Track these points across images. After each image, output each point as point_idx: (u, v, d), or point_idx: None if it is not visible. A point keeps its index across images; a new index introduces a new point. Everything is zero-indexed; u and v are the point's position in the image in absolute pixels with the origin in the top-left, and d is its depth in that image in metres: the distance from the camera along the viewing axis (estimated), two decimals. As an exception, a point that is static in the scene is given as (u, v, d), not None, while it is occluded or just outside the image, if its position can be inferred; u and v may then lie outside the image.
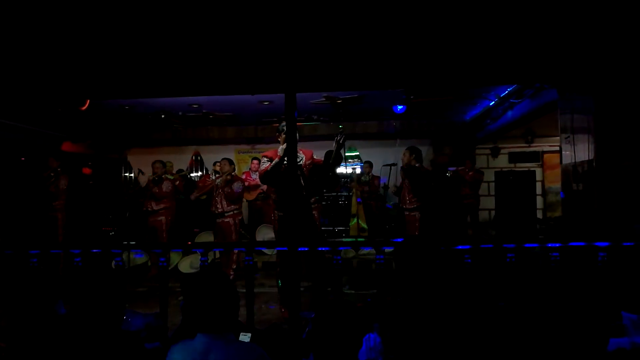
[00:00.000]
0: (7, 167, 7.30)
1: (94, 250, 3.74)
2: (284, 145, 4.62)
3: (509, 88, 6.35)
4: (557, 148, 5.04)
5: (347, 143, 10.02)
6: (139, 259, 7.09)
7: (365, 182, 8.68)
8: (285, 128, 4.61)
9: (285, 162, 4.47)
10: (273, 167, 4.59)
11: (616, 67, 3.91)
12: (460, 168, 8.09)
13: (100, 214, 8.55)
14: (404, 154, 6.11)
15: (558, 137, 4.96)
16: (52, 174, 6.80)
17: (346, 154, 10.22)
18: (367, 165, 8.98)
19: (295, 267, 3.70)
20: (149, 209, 6.90)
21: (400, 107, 7.39)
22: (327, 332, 2.66)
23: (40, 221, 6.84)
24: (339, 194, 8.96)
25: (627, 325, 2.68)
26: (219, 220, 6.42)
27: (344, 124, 9.11)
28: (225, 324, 1.94)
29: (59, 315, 3.39)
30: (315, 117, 8.51)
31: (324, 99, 7.04)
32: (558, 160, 5.01)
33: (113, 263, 3.78)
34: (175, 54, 4.02)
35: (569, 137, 4.60)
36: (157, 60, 4.04)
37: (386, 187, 8.55)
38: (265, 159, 4.79)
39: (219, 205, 6.42)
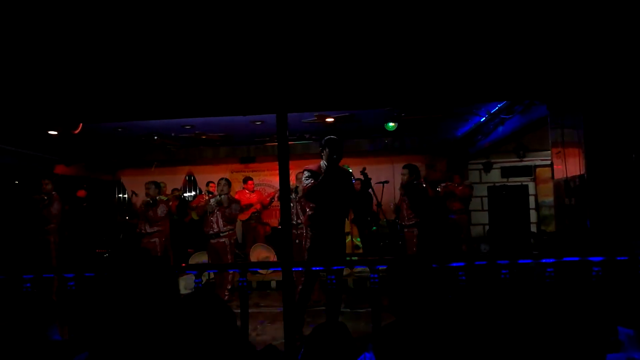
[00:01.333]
0: (0, 191, 7.26)
1: (88, 274, 3.71)
2: (325, 162, 4.57)
3: (499, 104, 6.42)
4: (549, 162, 5.08)
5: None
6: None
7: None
8: (329, 142, 4.58)
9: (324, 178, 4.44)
10: (320, 184, 4.46)
11: (605, 82, 3.97)
12: (449, 183, 8.13)
13: (94, 236, 8.49)
14: (403, 173, 6.17)
15: (550, 151, 5.00)
16: (45, 197, 6.77)
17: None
18: (358, 182, 8.97)
19: (292, 287, 3.68)
20: (143, 231, 6.84)
21: (392, 124, 7.44)
22: (321, 354, 2.63)
23: (33, 244, 6.77)
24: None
25: (623, 341, 2.68)
26: (213, 241, 6.39)
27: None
28: (225, 347, 1.92)
29: (52, 342, 3.35)
30: (307, 135, 8.55)
31: (316, 118, 7.08)
32: (550, 174, 5.04)
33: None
34: (168, 76, 4.04)
35: (560, 151, 4.64)
36: (150, 83, 4.06)
37: (379, 204, 8.55)
38: (307, 174, 4.59)
39: (214, 225, 6.39)
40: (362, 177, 4.54)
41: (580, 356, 2.70)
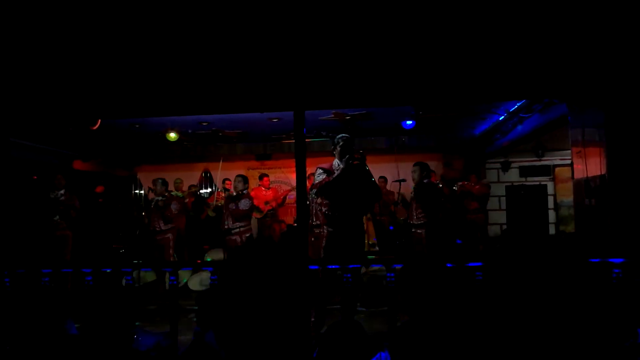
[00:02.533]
0: (19, 186, 7.38)
1: (105, 269, 3.75)
2: (337, 161, 4.58)
3: (518, 103, 6.33)
4: (569, 161, 5.00)
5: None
6: (149, 276, 7.09)
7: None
8: (341, 141, 4.60)
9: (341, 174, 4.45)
10: (334, 181, 4.46)
11: (626, 80, 3.89)
12: (466, 182, 8.05)
13: (110, 232, 8.59)
14: (414, 170, 6.07)
15: (569, 151, 4.92)
16: (62, 193, 6.87)
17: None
18: (382, 180, 8.94)
19: (306, 287, 3.68)
20: (157, 229, 6.81)
21: (409, 122, 7.39)
22: (335, 352, 2.63)
23: (50, 240, 6.88)
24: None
25: (644, 344, 2.62)
26: (227, 238, 6.45)
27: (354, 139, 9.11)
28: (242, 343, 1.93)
29: (70, 335, 3.39)
30: (324, 133, 8.54)
31: (333, 116, 7.06)
32: (570, 174, 4.96)
33: (124, 281, 3.78)
34: (186, 73, 4.07)
35: (580, 151, 4.56)
36: (168, 80, 4.09)
37: (396, 203, 8.51)
38: (321, 171, 4.60)
39: (225, 223, 6.45)
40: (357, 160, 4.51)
41: (600, 358, 2.66)
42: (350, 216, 4.45)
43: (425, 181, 5.98)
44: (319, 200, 4.71)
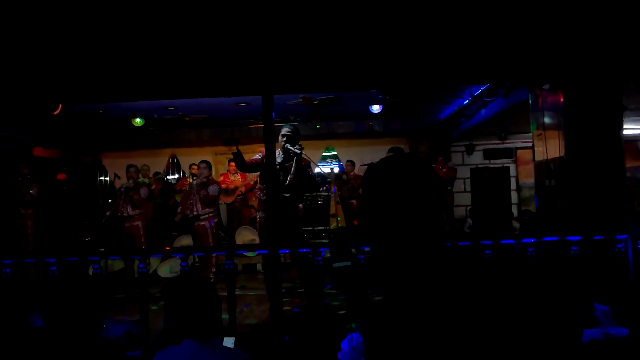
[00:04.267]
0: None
1: (70, 259, 3.68)
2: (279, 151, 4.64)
3: (482, 87, 6.46)
4: (530, 144, 5.15)
5: (325, 142, 10.05)
6: (117, 264, 6.98)
7: (345, 182, 8.72)
8: (287, 133, 4.65)
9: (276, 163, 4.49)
10: (265, 162, 4.53)
11: (584, 66, 4.03)
12: (433, 165, 8.21)
13: (75, 220, 8.39)
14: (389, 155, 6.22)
15: (531, 134, 5.08)
16: (22, 180, 6.66)
17: (324, 154, 10.31)
18: (349, 164, 9.01)
19: (277, 270, 3.71)
20: (125, 214, 6.77)
21: (376, 107, 7.45)
22: (307, 334, 2.67)
23: (9, 229, 6.68)
24: (318, 194, 8.98)
25: (599, 317, 2.77)
26: (194, 224, 6.40)
27: (321, 124, 9.13)
28: (211, 329, 1.94)
29: (34, 328, 3.32)
30: (292, 117, 8.51)
31: (301, 100, 7.05)
32: (531, 157, 5.12)
33: (91, 270, 3.73)
34: (151, 57, 3.98)
35: (540, 134, 4.71)
36: (133, 64, 3.99)
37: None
38: (258, 155, 4.74)
39: (194, 209, 6.40)
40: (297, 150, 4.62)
41: (558, 332, 2.80)
42: (281, 203, 4.55)
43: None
44: (257, 186, 4.85)
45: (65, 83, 4.14)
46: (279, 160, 4.60)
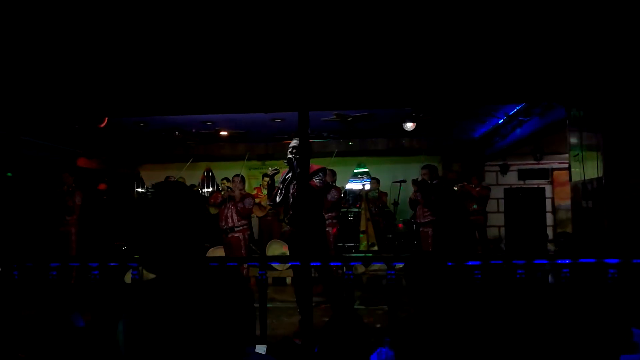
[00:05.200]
0: (25, 182, 7.46)
1: (111, 264, 3.83)
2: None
3: (517, 106, 6.42)
4: (567, 165, 5.08)
5: (357, 159, 10.10)
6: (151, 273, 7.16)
7: (373, 199, 8.74)
8: (292, 149, 4.79)
9: (284, 182, 4.63)
10: (279, 194, 4.79)
11: (623, 84, 3.98)
12: (466, 184, 8.14)
13: (113, 229, 8.67)
14: (423, 173, 6.30)
15: (567, 154, 5.01)
16: (67, 189, 6.97)
17: (355, 170, 10.36)
18: (375, 181, 9.04)
19: (308, 282, 3.76)
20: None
21: (409, 124, 7.49)
22: (337, 346, 2.70)
23: (54, 235, 6.98)
24: (349, 210, 9.02)
25: (638, 342, 2.70)
26: (228, 235, 6.54)
27: (353, 140, 9.20)
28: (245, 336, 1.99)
29: (77, 328, 3.47)
30: (325, 134, 8.62)
31: (335, 117, 7.15)
32: (567, 177, 5.04)
33: (129, 276, 3.87)
34: (192, 73, 4.15)
35: (577, 154, 4.65)
36: (175, 79, 4.17)
37: (396, 203, 8.60)
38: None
39: (229, 220, 6.53)
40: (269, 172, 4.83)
41: (595, 357, 2.73)
42: (300, 218, 4.66)
43: (434, 182, 6.17)
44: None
45: (112, 97, 4.35)
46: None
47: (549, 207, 9.55)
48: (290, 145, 4.82)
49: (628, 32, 3.89)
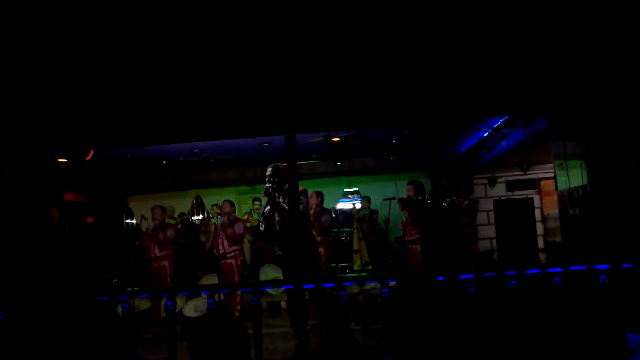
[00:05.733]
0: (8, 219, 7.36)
1: (100, 298, 3.77)
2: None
3: (501, 119, 6.52)
4: (553, 174, 5.14)
5: (346, 179, 10.14)
6: (143, 304, 7.06)
7: (364, 217, 8.74)
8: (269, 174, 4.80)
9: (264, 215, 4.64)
10: (260, 225, 4.79)
11: (604, 94, 4.07)
12: (455, 198, 8.18)
13: (102, 262, 8.55)
14: (408, 189, 6.29)
15: (552, 163, 5.07)
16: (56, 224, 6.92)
17: (345, 190, 10.37)
18: (365, 200, 9.06)
19: (302, 305, 3.73)
20: (152, 256, 6.89)
21: (396, 142, 7.56)
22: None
23: (42, 272, 6.87)
24: (341, 230, 9.00)
25: (632, 347, 2.71)
26: (220, 262, 6.49)
27: (342, 160, 9.25)
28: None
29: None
30: (314, 155, 8.66)
31: (323, 139, 7.19)
32: (554, 186, 5.10)
33: (120, 309, 3.80)
34: (178, 102, 4.17)
35: (562, 163, 4.71)
36: (161, 109, 4.19)
37: (387, 220, 8.60)
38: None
39: (220, 247, 6.50)
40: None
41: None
42: (294, 242, 4.67)
43: (419, 198, 6.18)
44: None
45: (97, 129, 4.34)
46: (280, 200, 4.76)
47: (538, 216, 9.61)
48: (266, 174, 4.82)
49: (607, 44, 3.99)
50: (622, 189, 3.91)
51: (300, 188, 4.80)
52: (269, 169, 4.82)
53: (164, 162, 7.88)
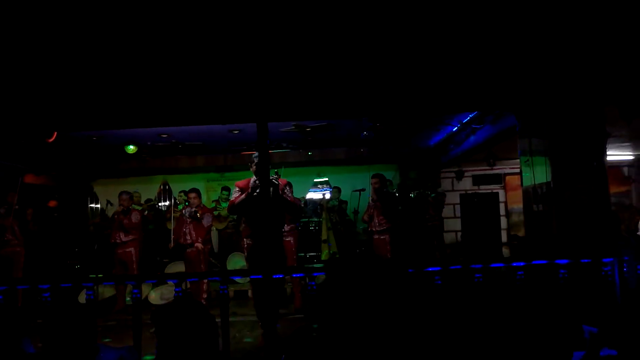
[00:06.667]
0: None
1: (64, 285, 3.67)
2: (255, 177, 4.69)
3: (470, 114, 6.62)
4: (518, 170, 5.27)
5: (317, 169, 10.16)
6: (107, 291, 6.93)
7: (332, 207, 8.78)
8: (257, 159, 4.69)
9: (256, 192, 4.50)
10: (243, 200, 4.63)
11: (568, 92, 4.19)
12: (422, 191, 8.33)
13: (65, 247, 8.33)
14: (373, 182, 6.39)
15: (518, 160, 5.20)
16: (6, 208, 6.68)
17: (315, 180, 10.39)
18: (336, 190, 9.11)
19: (270, 295, 3.73)
20: (118, 241, 6.78)
21: (131, 147, 7.59)
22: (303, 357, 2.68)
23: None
24: (310, 219, 9.02)
25: (587, 339, 2.82)
26: (187, 250, 6.44)
27: (313, 150, 9.24)
28: (207, 355, 1.96)
29: (27, 354, 3.30)
30: (284, 144, 8.62)
31: (294, 127, 7.16)
32: (519, 182, 5.23)
33: (84, 297, 3.71)
34: (147, 85, 4.07)
35: (528, 160, 4.84)
36: (128, 91, 4.08)
37: (356, 212, 8.67)
38: (237, 189, 4.75)
39: (187, 237, 6.45)
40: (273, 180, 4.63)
41: (549, 354, 2.83)
42: (264, 230, 4.63)
43: (384, 190, 6.27)
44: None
45: (61, 110, 4.20)
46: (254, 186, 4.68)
47: (502, 211, 9.87)
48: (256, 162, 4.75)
49: (572, 40, 4.10)
50: (583, 187, 4.05)
51: (284, 181, 4.79)
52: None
53: (131, 146, 7.70)
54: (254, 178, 4.68)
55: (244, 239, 4.91)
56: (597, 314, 3.17)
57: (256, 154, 4.75)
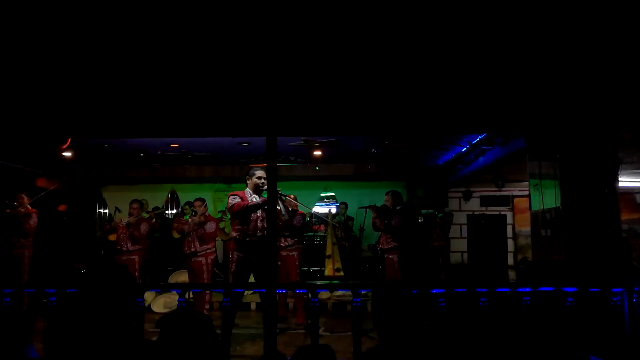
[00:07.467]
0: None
1: (70, 290, 3.69)
2: (250, 191, 4.83)
3: (480, 136, 6.63)
4: (527, 192, 5.25)
5: (324, 183, 10.17)
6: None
7: (339, 223, 8.77)
8: (254, 173, 4.79)
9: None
10: (252, 206, 4.65)
11: (580, 117, 4.17)
12: (429, 210, 8.30)
13: (72, 252, 8.37)
14: (386, 199, 6.37)
15: (527, 182, 5.18)
16: (21, 210, 6.72)
17: (322, 194, 10.41)
18: (342, 206, 9.10)
19: (273, 309, 3.72)
20: (123, 249, 6.78)
21: (375, 151, 7.61)
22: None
23: (6, 259, 6.67)
24: (315, 234, 9.01)
25: (594, 369, 2.78)
26: (191, 260, 6.44)
27: (320, 165, 9.27)
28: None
29: (31, 359, 3.30)
30: (292, 158, 8.65)
31: (302, 142, 7.20)
32: (527, 204, 5.21)
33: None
34: (161, 96, 4.11)
35: (537, 183, 4.82)
36: (143, 102, 4.12)
37: (362, 228, 8.66)
38: (235, 197, 4.82)
39: (191, 245, 6.47)
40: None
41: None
42: (259, 244, 4.65)
43: (397, 207, 6.25)
44: (236, 227, 4.86)
45: (76, 118, 4.25)
46: (257, 200, 4.76)
47: (509, 233, 9.80)
48: (264, 176, 4.79)
49: (585, 64, 4.10)
50: (593, 214, 4.02)
51: (300, 212, 4.82)
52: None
53: (142, 154, 7.77)
54: (249, 190, 4.73)
55: (232, 252, 4.80)
56: (604, 344, 3.13)
57: (254, 169, 4.83)
